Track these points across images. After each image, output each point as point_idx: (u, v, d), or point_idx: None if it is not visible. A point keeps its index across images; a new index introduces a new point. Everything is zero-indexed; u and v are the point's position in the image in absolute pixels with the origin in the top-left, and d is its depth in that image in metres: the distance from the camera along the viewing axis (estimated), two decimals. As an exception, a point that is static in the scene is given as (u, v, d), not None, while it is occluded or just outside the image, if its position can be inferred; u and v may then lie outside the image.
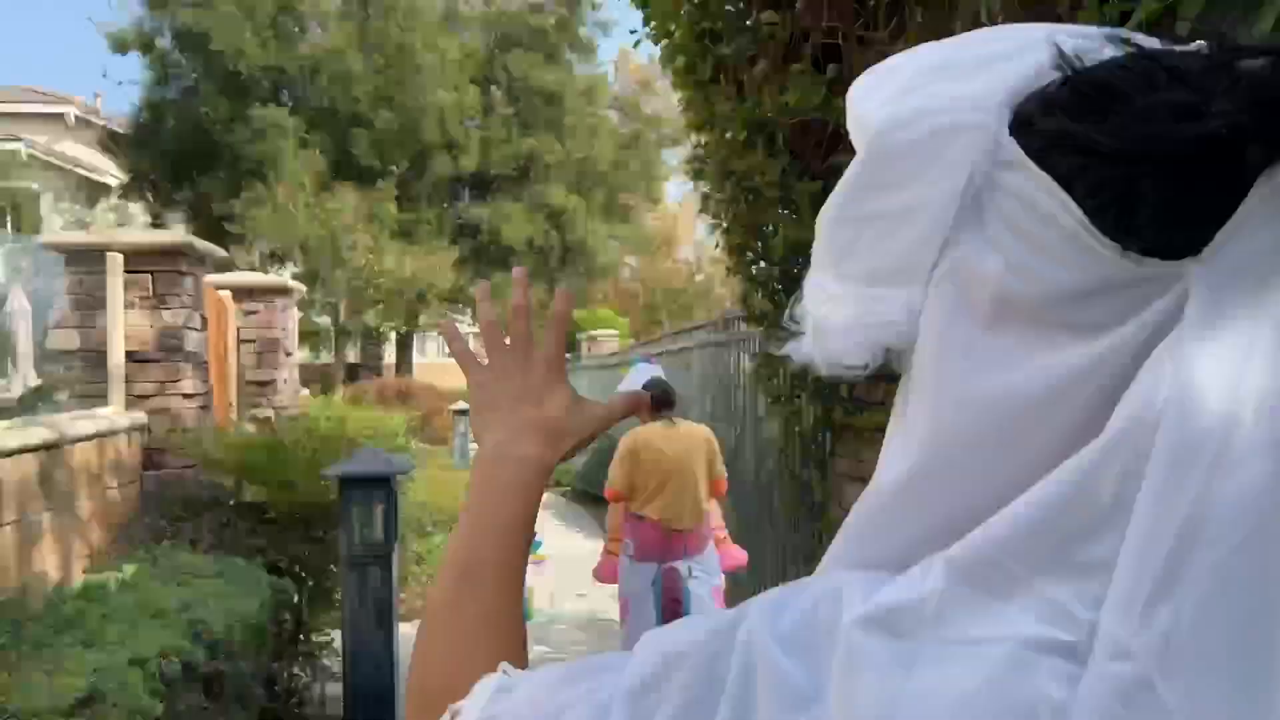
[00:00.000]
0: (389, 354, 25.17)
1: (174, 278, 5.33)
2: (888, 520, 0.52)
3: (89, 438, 4.58)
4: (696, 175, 3.88)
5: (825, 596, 0.50)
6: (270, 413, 7.57)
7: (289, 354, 7.91)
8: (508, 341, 0.80)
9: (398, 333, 23.72)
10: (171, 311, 5.31)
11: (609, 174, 22.68)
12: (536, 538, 3.41)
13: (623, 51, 28.21)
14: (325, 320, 12.91)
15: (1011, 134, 0.48)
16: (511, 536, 0.72)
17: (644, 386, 4.58)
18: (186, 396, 5.35)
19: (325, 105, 20.86)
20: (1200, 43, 0.49)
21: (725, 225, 3.58)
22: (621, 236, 22.29)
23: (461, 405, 16.25)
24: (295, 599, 4.57)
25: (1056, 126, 0.47)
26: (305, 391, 10.48)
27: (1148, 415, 0.44)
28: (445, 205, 21.11)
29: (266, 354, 7.62)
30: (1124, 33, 0.50)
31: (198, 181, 19.96)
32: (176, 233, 5.36)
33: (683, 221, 37.57)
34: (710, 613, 0.71)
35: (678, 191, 43.35)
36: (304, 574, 4.76)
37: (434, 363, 36.54)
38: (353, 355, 32.99)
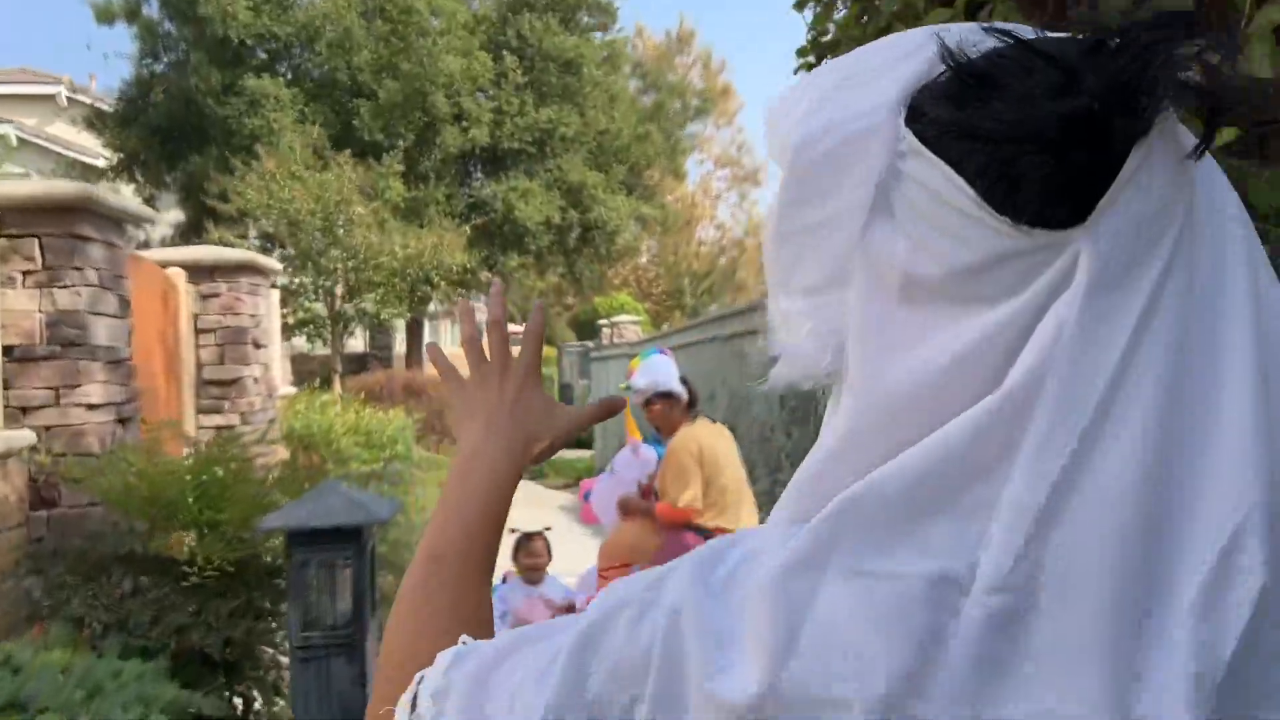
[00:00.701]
0: (400, 343, 23.79)
1: (73, 245, 3.88)
2: (820, 479, 0.56)
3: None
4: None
5: (755, 549, 0.56)
6: (236, 418, 6.14)
7: (261, 346, 6.46)
8: (488, 354, 0.86)
9: (408, 320, 22.30)
10: (70, 291, 3.86)
11: (630, 148, 21.12)
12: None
13: (639, 27, 26.72)
14: (321, 307, 11.40)
15: (907, 125, 0.53)
16: (481, 530, 0.77)
17: (681, 382, 4.19)
18: (92, 407, 3.90)
19: (324, 75, 19.41)
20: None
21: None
22: (644, 214, 20.71)
23: (474, 399, 14.80)
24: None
25: (944, 114, 0.52)
26: (291, 390, 9.02)
27: (1038, 370, 0.49)
28: (455, 182, 19.57)
29: (231, 346, 6.17)
30: (1004, 25, 0.54)
31: (190, 160, 18.54)
32: (79, 184, 3.97)
33: (701, 202, 36.14)
34: None
35: (694, 172, 42.01)
36: (245, 666, 3.31)
37: (449, 352, 35.06)
38: (361, 345, 31.64)
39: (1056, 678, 0.47)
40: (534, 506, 14.12)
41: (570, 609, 4.40)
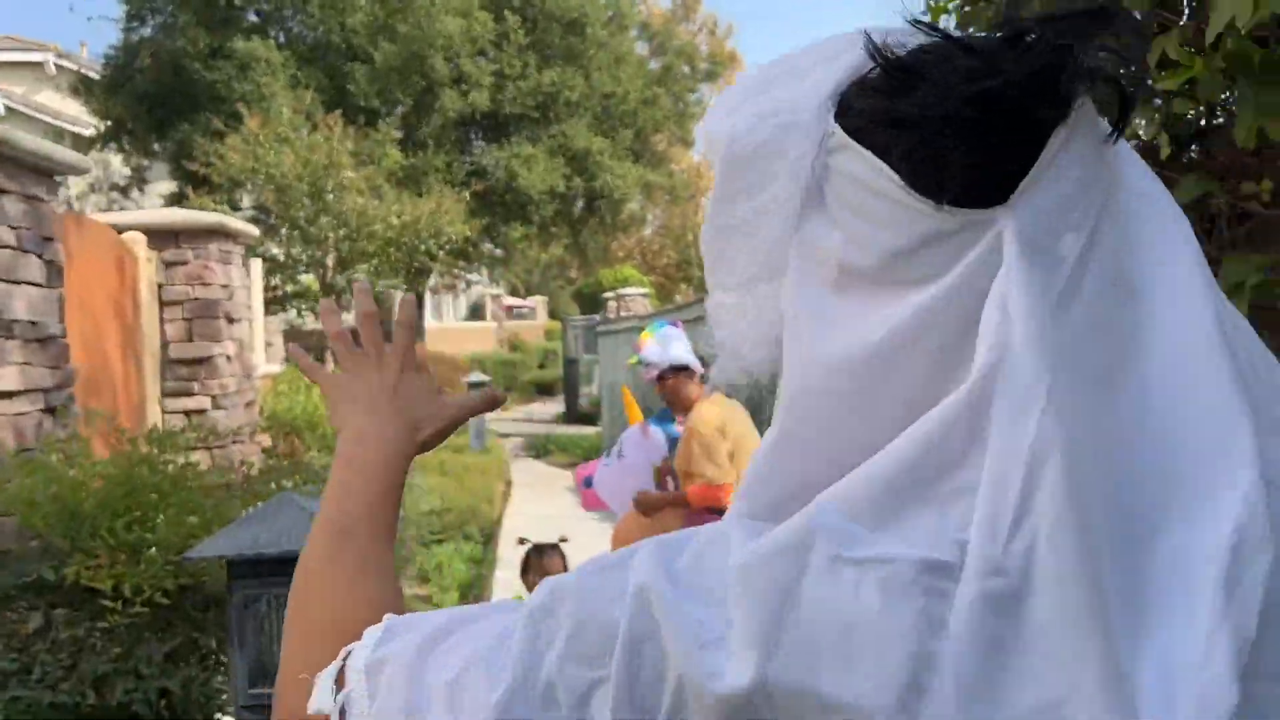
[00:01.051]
0: (400, 317, 23.07)
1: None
2: (765, 474, 0.57)
3: None
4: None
5: (712, 542, 0.55)
6: (208, 401, 5.44)
7: (235, 320, 5.74)
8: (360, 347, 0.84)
9: (405, 292, 21.58)
10: (-27, 253, 3.15)
11: (637, 112, 20.28)
12: None
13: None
14: (313, 279, 10.64)
15: (836, 119, 0.55)
16: (383, 508, 0.76)
17: (698, 357, 4.01)
18: (8, 395, 3.20)
19: (317, 37, 18.59)
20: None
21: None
22: (651, 182, 19.90)
23: (477, 377, 14.08)
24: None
25: (870, 105, 0.54)
26: (275, 368, 8.31)
27: (992, 356, 0.50)
28: (455, 149, 18.77)
29: (200, 321, 5.46)
30: (931, 23, 0.56)
31: (179, 127, 17.75)
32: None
33: (706, 172, 35.20)
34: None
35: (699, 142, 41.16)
36: (184, 722, 2.62)
37: (450, 327, 34.33)
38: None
39: (1063, 661, 0.46)
40: (540, 487, 13.45)
41: None
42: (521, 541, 3.65)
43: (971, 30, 1.85)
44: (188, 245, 5.46)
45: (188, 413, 5.42)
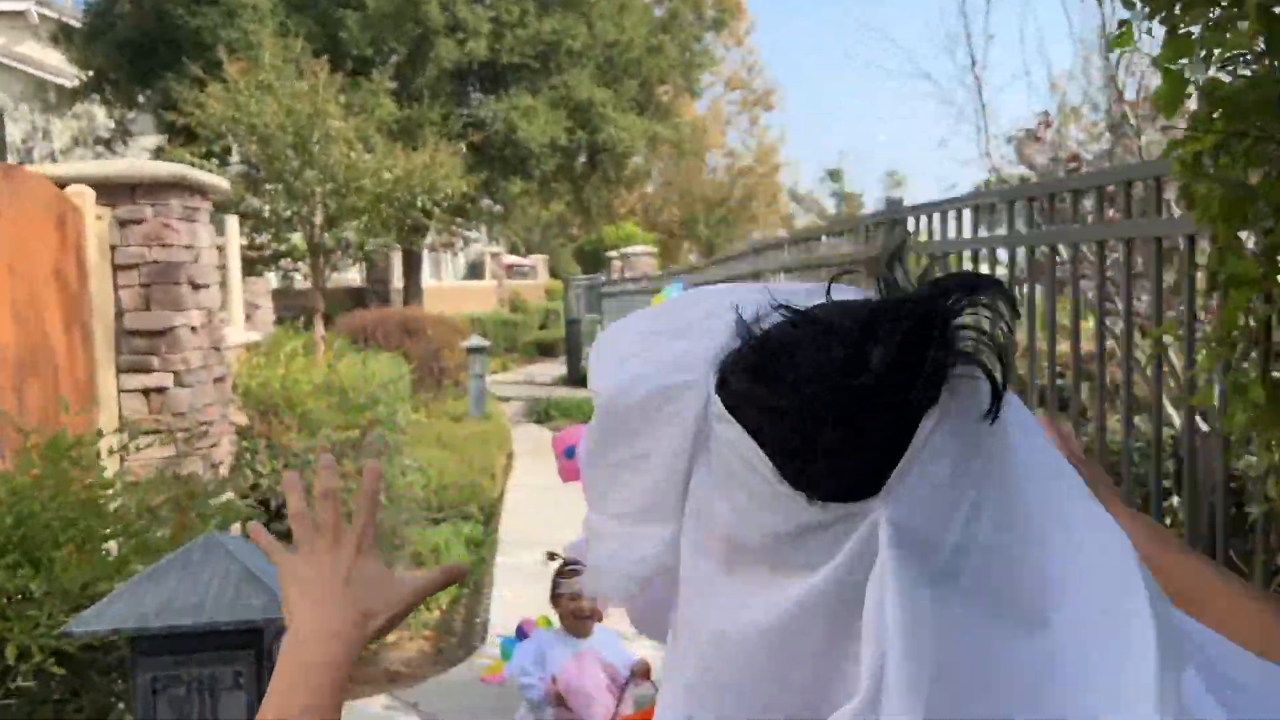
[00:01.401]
0: (399, 278, 22.39)
1: None
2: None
3: None
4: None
5: None
6: (169, 378, 4.81)
7: (201, 286, 5.09)
8: (318, 525, 0.85)
9: (405, 250, 20.85)
10: None
11: (641, 61, 19.42)
12: None
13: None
14: (300, 238, 9.93)
15: (717, 390, 0.55)
16: (320, 708, 0.77)
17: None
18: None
19: (307, -19, 17.73)
20: (867, 295, 0.56)
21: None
22: (657, 134, 19.09)
23: (476, 342, 13.41)
24: None
25: (743, 387, 0.54)
26: (253, 335, 7.65)
27: (876, 660, 0.48)
28: (451, 101, 17.94)
29: (160, 287, 4.81)
30: (792, 307, 0.55)
31: (162, 77, 16.93)
32: None
33: (711, 127, 34.43)
34: None
35: (704, 96, 40.39)
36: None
37: (448, 286, 33.57)
38: (358, 280, 30.24)
39: None
40: (543, 455, 12.76)
41: (629, 679, 3.20)
42: (551, 557, 3.02)
43: (1219, 53, 1.65)
44: (145, 200, 4.79)
45: (147, 391, 4.79)
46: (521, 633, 3.61)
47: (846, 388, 0.50)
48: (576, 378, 20.19)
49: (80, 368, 4.45)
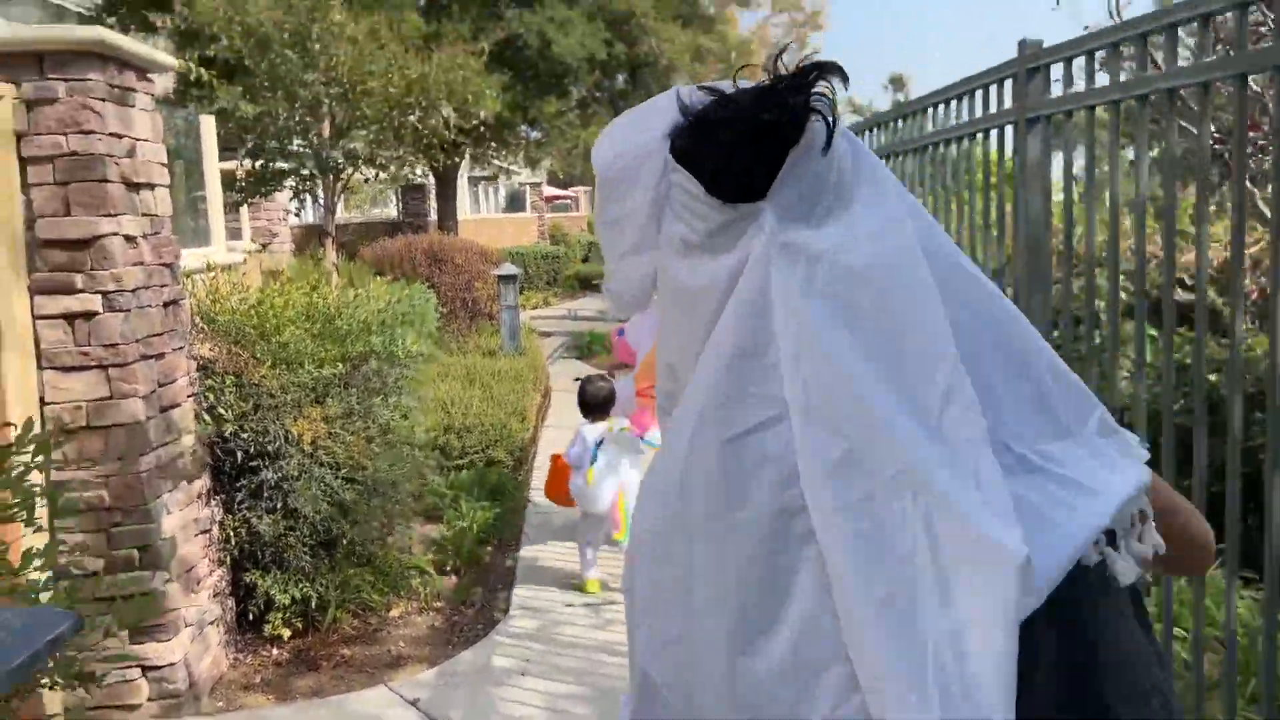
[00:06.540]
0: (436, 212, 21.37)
1: None
2: (658, 352, 1.02)
3: None
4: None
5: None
6: (97, 301, 3.81)
7: (140, 186, 4.08)
8: None
9: (439, 177, 19.77)
10: None
11: (686, -33, 17.97)
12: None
13: None
14: (305, 149, 8.84)
15: (670, 151, 0.92)
16: None
17: None
18: None
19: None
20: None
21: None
22: (702, 46, 17.68)
23: (508, 269, 12.35)
24: None
25: (684, 144, 0.92)
26: (235, 258, 6.64)
27: (754, 299, 0.88)
28: (481, 14, 16.68)
29: (79, 187, 3.79)
30: (715, 85, 0.94)
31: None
32: None
33: (757, 51, 32.69)
34: None
35: (747, 19, 38.50)
36: None
37: (488, 218, 32.46)
38: (394, 211, 29.15)
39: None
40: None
41: None
42: (576, 379, 2.50)
43: None
44: (56, 76, 3.77)
45: (70, 317, 3.81)
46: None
47: (747, 129, 0.88)
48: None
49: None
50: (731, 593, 0.81)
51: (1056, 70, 3.26)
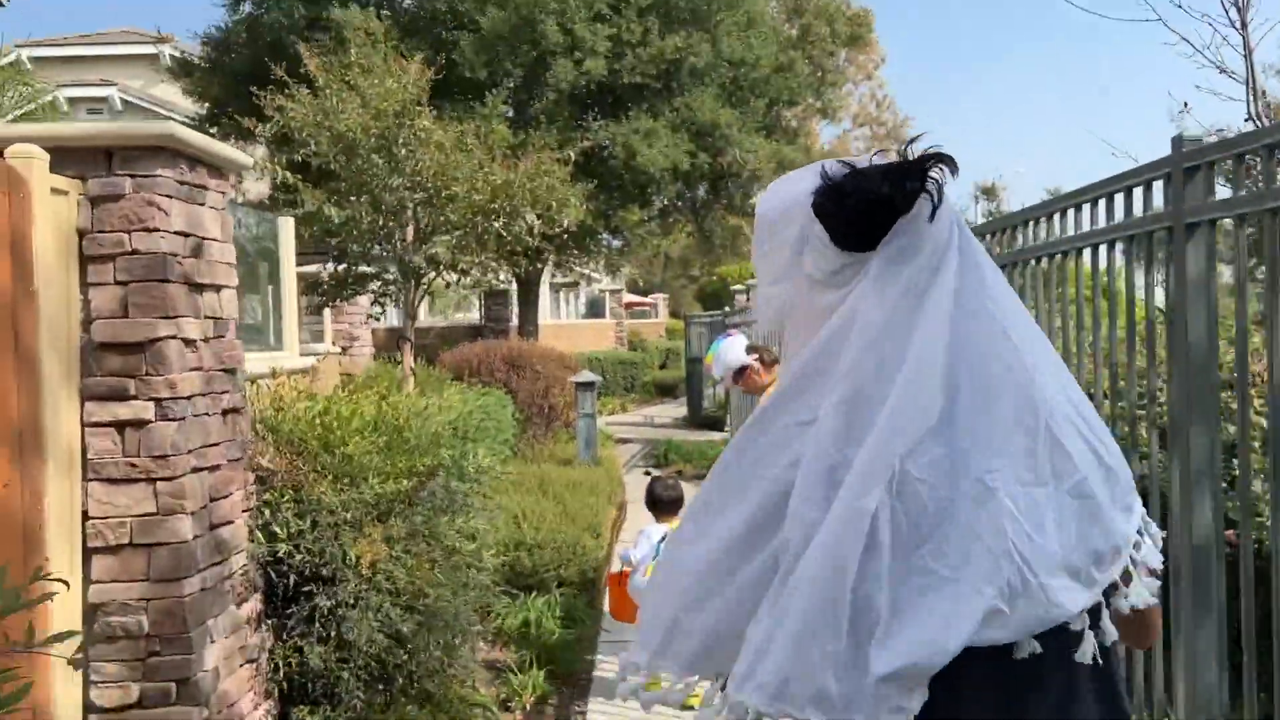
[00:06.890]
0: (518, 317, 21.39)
1: None
2: (790, 355, 1.45)
3: None
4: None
5: None
6: (150, 409, 3.55)
7: (203, 288, 3.86)
8: None
9: (521, 283, 19.82)
10: None
11: (770, 80, 18.04)
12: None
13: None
14: (387, 256, 8.76)
15: (810, 207, 1.34)
16: None
17: (750, 350, 5.01)
18: None
19: (420, 3, 17.06)
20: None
21: None
22: (785, 157, 17.60)
23: (586, 377, 12.09)
24: None
25: (820, 202, 1.33)
26: (306, 361, 6.45)
27: (841, 324, 1.31)
28: (568, 125, 16.88)
29: (141, 287, 3.58)
30: (853, 160, 1.37)
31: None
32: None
33: (847, 146, 32.79)
34: None
35: (828, 133, 38.79)
36: None
37: (566, 324, 32.59)
38: (477, 317, 29.42)
39: None
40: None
41: None
42: (646, 473, 2.06)
43: None
44: (123, 172, 3.60)
45: (120, 425, 3.55)
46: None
47: (869, 199, 1.30)
48: (698, 419, 18.68)
49: (15, 399, 3.24)
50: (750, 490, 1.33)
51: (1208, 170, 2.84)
